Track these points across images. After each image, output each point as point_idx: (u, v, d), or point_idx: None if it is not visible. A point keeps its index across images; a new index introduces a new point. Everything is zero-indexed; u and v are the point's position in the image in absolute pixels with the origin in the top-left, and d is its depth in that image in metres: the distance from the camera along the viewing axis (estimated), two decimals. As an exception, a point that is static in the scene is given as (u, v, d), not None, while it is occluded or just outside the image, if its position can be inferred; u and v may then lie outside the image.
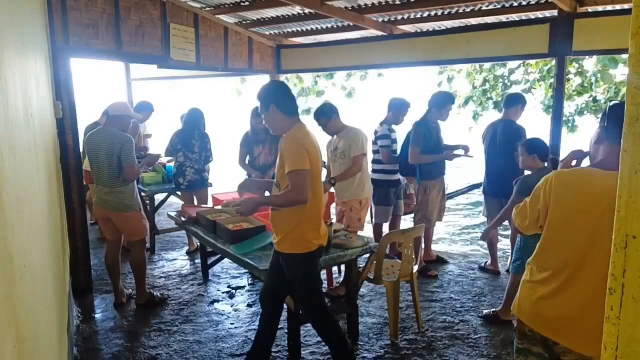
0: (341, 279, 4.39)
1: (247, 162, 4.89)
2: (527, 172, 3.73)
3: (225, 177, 6.93)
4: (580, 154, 1.98)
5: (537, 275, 1.78)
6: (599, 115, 1.85)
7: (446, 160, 4.67)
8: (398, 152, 4.86)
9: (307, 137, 2.58)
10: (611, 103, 1.80)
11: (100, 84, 12.53)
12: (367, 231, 4.75)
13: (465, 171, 10.19)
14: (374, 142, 4.80)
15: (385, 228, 4.86)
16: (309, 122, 3.13)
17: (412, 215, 4.94)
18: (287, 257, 2.62)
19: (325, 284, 4.39)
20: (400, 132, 4.91)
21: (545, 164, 3.41)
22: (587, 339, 1.60)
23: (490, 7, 5.07)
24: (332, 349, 2.82)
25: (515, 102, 4.50)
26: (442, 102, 4.56)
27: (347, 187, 4.09)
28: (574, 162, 2.02)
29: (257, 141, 4.84)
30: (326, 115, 4.08)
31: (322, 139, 4.33)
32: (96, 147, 3.67)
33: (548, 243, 1.77)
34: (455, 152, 4.68)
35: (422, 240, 4.67)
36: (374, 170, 4.76)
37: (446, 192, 5.00)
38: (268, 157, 4.89)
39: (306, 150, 2.47)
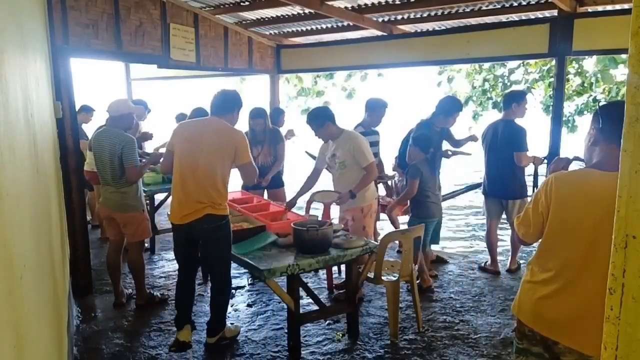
0: (341, 280, 4.39)
1: None
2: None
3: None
4: (565, 161, 1.97)
5: (538, 276, 1.78)
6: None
7: (445, 159, 4.68)
8: (380, 154, 4.83)
9: (185, 127, 3.23)
10: (601, 103, 1.80)
11: (100, 84, 12.53)
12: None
13: (466, 171, 10.20)
14: None
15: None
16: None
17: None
18: None
19: (325, 285, 4.39)
20: (402, 132, 4.88)
21: (427, 156, 4.15)
22: (589, 339, 1.60)
23: (490, 7, 5.07)
24: None
25: (511, 100, 4.47)
26: (449, 111, 4.50)
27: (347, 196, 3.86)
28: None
29: (256, 142, 4.83)
30: (316, 121, 3.79)
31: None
32: (100, 148, 3.67)
33: (549, 244, 1.76)
34: (459, 148, 4.71)
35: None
36: None
37: (441, 192, 4.96)
38: (267, 157, 4.89)
39: (171, 137, 3.19)
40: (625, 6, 4.45)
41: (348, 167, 3.81)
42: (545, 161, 4.61)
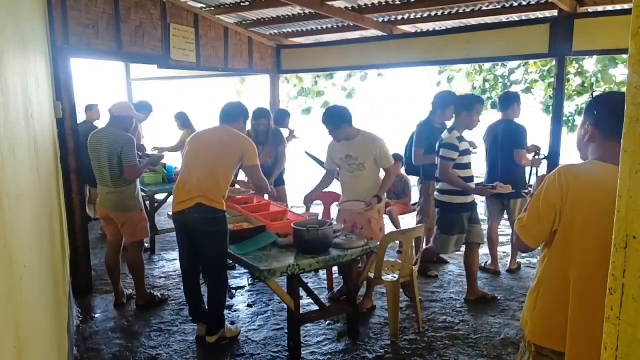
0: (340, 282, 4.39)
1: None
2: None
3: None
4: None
5: (555, 286, 1.63)
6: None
7: None
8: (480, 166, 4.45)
9: (196, 133, 3.49)
10: (594, 95, 1.66)
11: (100, 84, 12.54)
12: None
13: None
14: (436, 153, 3.89)
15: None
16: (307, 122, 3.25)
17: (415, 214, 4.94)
18: None
19: (325, 285, 4.39)
20: (405, 132, 4.87)
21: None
22: None
23: (490, 7, 5.07)
24: None
25: (511, 101, 4.50)
26: (446, 102, 4.53)
27: (362, 199, 3.68)
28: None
29: (257, 142, 4.78)
30: (334, 124, 3.63)
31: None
32: (97, 147, 3.67)
33: (562, 249, 1.60)
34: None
35: (423, 240, 4.67)
36: (440, 191, 3.92)
37: None
38: (267, 158, 4.85)
39: (188, 140, 3.47)
40: (625, 6, 4.45)
41: (367, 168, 3.66)
42: (544, 159, 4.61)
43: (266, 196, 4.91)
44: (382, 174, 3.83)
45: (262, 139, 4.78)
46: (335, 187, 4.30)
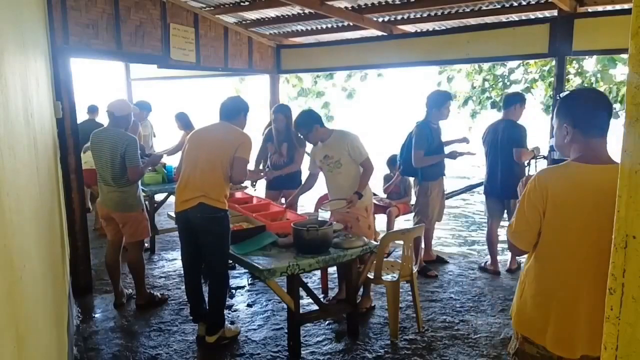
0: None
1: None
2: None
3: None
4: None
5: (543, 285, 1.67)
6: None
7: (449, 159, 4.66)
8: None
9: (196, 131, 3.49)
10: (562, 95, 1.71)
11: (100, 84, 12.56)
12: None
13: (466, 170, 10.20)
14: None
15: None
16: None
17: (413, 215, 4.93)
18: None
19: (321, 285, 4.39)
20: (404, 133, 4.83)
21: None
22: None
23: (490, 7, 5.07)
24: None
25: (513, 101, 4.49)
26: (440, 101, 4.51)
27: (344, 197, 3.71)
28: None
29: (278, 141, 4.73)
30: (305, 127, 3.74)
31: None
32: (100, 147, 3.67)
33: (546, 246, 1.66)
34: (457, 149, 4.65)
35: (422, 240, 4.67)
36: None
37: (445, 192, 4.98)
38: (280, 158, 4.75)
39: (188, 138, 3.46)
40: (625, 6, 4.46)
41: (344, 165, 3.71)
42: (543, 158, 4.62)
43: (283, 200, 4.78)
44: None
45: (281, 138, 4.66)
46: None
